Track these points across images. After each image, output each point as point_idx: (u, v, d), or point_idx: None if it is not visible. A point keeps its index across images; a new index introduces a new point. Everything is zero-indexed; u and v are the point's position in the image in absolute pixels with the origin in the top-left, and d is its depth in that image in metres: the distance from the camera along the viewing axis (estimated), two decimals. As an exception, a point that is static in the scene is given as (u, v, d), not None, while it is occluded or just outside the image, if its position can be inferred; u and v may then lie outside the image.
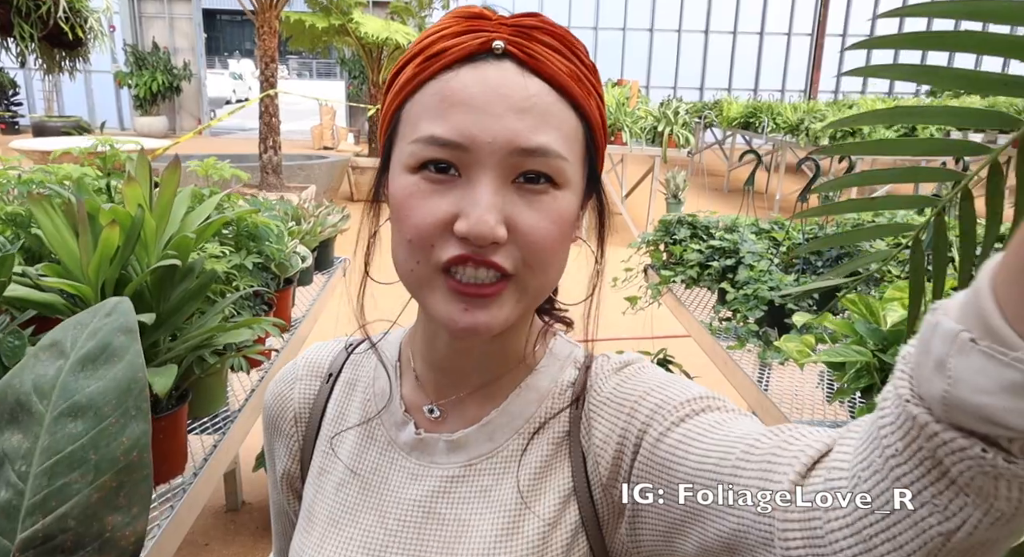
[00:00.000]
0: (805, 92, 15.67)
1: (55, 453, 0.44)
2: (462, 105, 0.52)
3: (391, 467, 0.65)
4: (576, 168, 0.56)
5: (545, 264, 0.55)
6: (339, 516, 0.65)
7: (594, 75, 0.58)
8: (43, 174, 1.57)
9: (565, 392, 0.65)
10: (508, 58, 0.53)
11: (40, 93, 14.00)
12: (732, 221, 2.50)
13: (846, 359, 1.41)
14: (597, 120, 0.58)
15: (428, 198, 0.53)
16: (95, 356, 0.47)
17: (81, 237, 1.10)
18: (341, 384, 0.71)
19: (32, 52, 7.45)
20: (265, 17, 6.33)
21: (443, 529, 0.62)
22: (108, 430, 0.44)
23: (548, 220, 0.53)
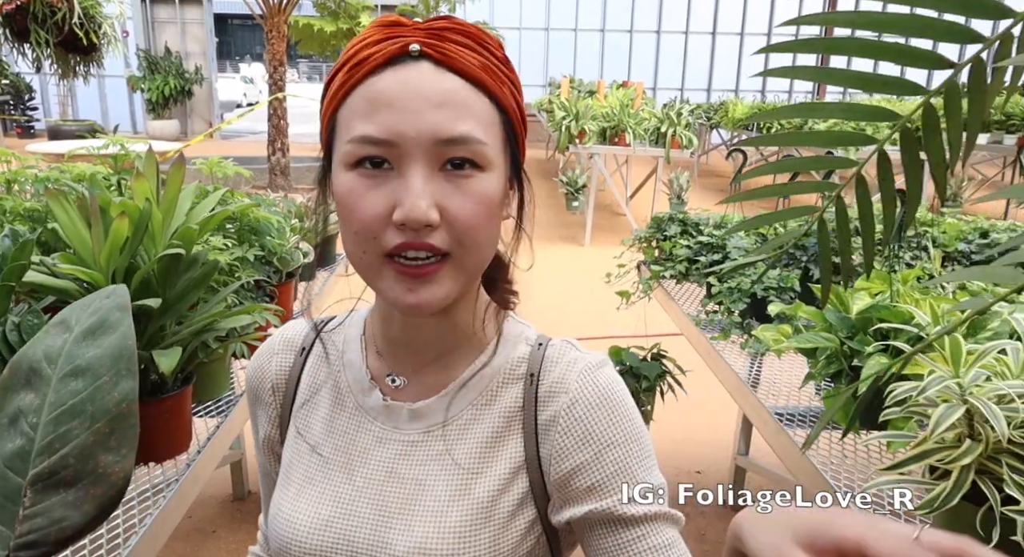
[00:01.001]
0: (812, 93, 15.67)
1: (59, 406, 0.52)
2: (387, 105, 0.58)
3: (359, 430, 0.73)
4: (497, 151, 0.62)
5: (477, 242, 0.61)
6: (313, 473, 0.72)
7: (506, 66, 0.64)
8: (58, 173, 1.66)
9: (517, 368, 0.71)
10: (424, 59, 0.59)
11: (55, 98, 14.22)
12: (721, 218, 2.57)
13: (816, 345, 1.48)
14: (512, 106, 0.64)
15: (367, 193, 0.59)
16: (95, 329, 0.55)
17: (93, 228, 1.19)
18: (313, 357, 0.79)
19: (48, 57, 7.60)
20: (274, 22, 6.45)
21: (403, 487, 0.69)
22: (103, 386, 0.52)
23: (474, 201, 0.60)
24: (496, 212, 0.63)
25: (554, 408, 0.68)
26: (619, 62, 15.67)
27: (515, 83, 0.65)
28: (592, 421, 0.66)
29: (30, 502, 0.48)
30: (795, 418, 1.59)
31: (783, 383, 1.81)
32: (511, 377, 0.71)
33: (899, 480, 1.02)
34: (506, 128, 0.63)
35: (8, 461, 0.50)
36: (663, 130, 6.80)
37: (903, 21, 0.53)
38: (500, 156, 0.63)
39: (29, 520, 0.48)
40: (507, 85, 0.63)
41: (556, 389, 0.69)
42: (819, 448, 1.44)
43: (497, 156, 0.62)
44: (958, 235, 2.34)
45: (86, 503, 0.49)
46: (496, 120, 0.62)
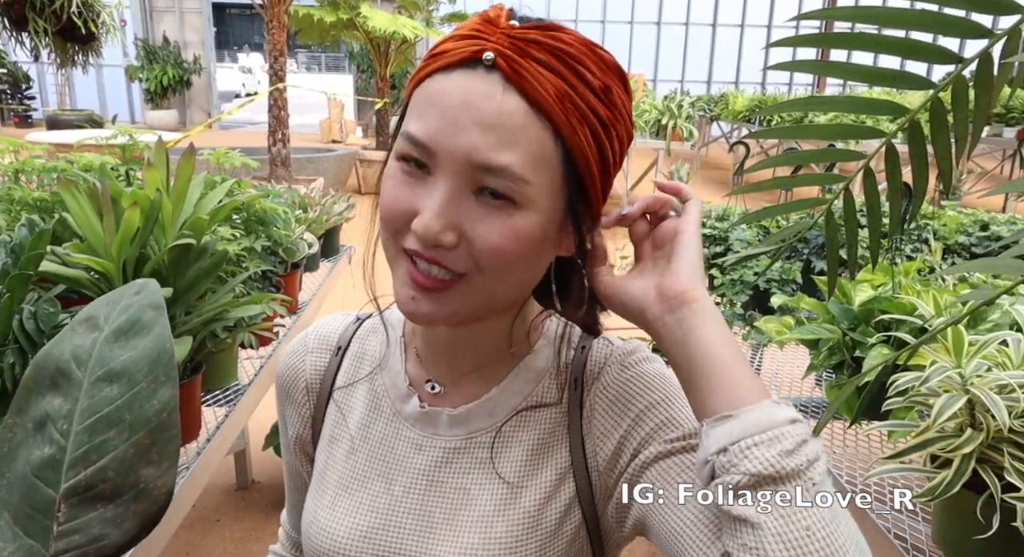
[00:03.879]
0: (813, 85, 15.65)
1: (94, 413, 0.48)
2: (438, 109, 0.54)
3: (397, 437, 0.70)
4: (545, 192, 0.55)
5: (499, 272, 0.57)
6: (349, 482, 0.70)
7: (600, 100, 0.55)
8: (66, 163, 1.67)
9: (561, 373, 0.68)
10: (497, 70, 0.53)
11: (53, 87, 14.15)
12: (723, 210, 2.58)
13: (818, 337, 1.50)
14: (584, 149, 0.55)
15: (400, 187, 0.57)
16: (126, 329, 0.51)
17: (105, 218, 1.20)
18: (349, 357, 0.76)
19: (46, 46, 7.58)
20: (274, 11, 6.43)
21: (446, 496, 0.67)
22: (141, 394, 0.49)
23: (499, 235, 0.54)
24: (530, 250, 0.57)
25: (590, 402, 0.67)
26: (619, 53, 15.44)
27: (608, 124, 0.56)
28: (623, 395, 0.65)
29: (65, 517, 0.45)
30: (798, 408, 1.61)
31: (785, 374, 1.83)
32: (556, 382, 0.68)
33: (900, 469, 1.04)
34: (568, 172, 0.56)
35: (37, 470, 0.47)
36: (664, 122, 6.80)
37: (917, 17, 0.54)
38: (550, 199, 0.56)
39: (65, 537, 0.45)
40: (588, 124, 0.55)
41: (593, 388, 0.67)
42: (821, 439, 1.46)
43: (544, 197, 0.56)
44: (958, 228, 2.36)
45: (127, 520, 0.46)
46: (555, 160, 0.55)
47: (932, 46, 0.56)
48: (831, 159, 0.63)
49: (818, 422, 0.53)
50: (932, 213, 2.47)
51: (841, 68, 0.60)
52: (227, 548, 2.40)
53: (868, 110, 0.60)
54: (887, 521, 1.13)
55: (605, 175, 0.59)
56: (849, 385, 0.54)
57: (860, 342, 1.43)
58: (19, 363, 0.96)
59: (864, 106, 0.60)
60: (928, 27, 0.54)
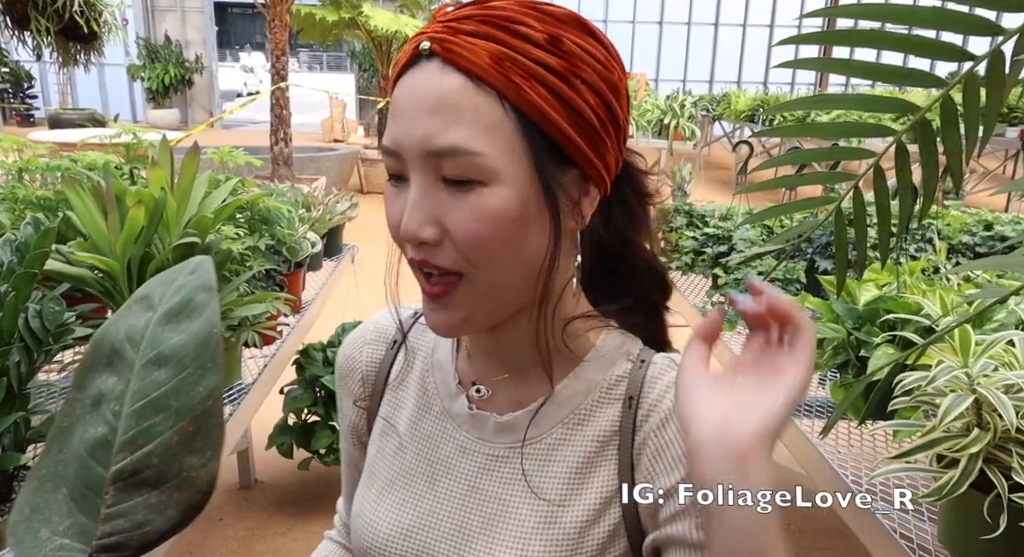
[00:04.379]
0: (815, 84, 15.63)
1: (143, 397, 0.47)
2: (397, 114, 0.55)
3: (443, 436, 0.69)
4: (507, 160, 0.53)
5: (488, 261, 0.55)
6: (395, 478, 0.69)
7: (550, 52, 0.53)
8: (69, 161, 1.67)
9: (615, 388, 0.64)
10: (434, 57, 0.53)
11: (55, 86, 14.17)
12: (727, 210, 2.58)
13: (823, 336, 1.49)
14: (535, 103, 0.52)
15: (391, 202, 0.57)
16: (178, 310, 0.50)
17: (110, 217, 1.20)
18: (404, 352, 0.75)
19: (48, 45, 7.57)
20: (276, 11, 6.43)
21: (485, 506, 0.65)
22: (187, 379, 0.48)
23: (473, 219, 0.53)
24: (513, 228, 0.54)
25: (646, 430, 0.62)
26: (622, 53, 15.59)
27: (561, 70, 0.53)
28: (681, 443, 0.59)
29: (112, 500, 0.45)
30: (801, 407, 1.61)
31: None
32: (608, 397, 0.64)
33: (906, 469, 1.04)
34: (526, 131, 0.53)
35: (91, 449, 0.47)
36: (666, 122, 6.79)
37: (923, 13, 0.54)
38: (514, 166, 0.53)
39: (112, 520, 0.45)
40: (537, 77, 0.52)
41: (651, 411, 0.62)
42: (825, 438, 1.46)
43: (507, 166, 0.53)
44: (962, 227, 2.35)
45: (170, 508, 0.45)
46: (508, 125, 0.53)
47: (941, 43, 0.55)
48: (840, 157, 0.63)
49: (827, 423, 0.53)
50: (936, 213, 2.47)
51: (848, 65, 0.59)
52: (230, 547, 2.40)
53: (877, 108, 0.59)
54: (893, 521, 1.12)
55: (586, 128, 0.55)
56: (859, 385, 0.54)
57: (865, 341, 1.43)
58: (25, 361, 0.96)
59: (872, 104, 0.60)
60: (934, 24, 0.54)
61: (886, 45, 0.57)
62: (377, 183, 8.70)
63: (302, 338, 2.18)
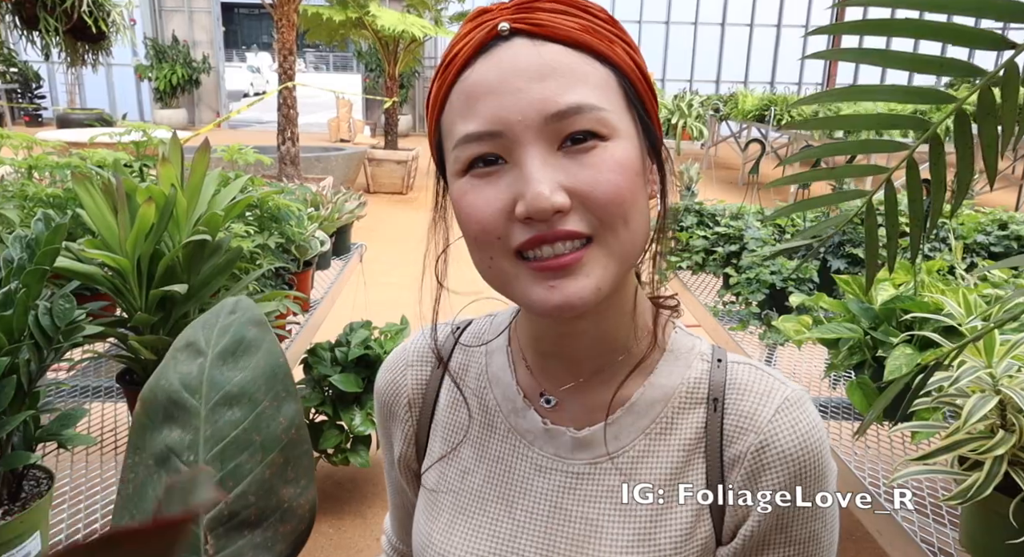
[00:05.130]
0: (823, 84, 15.58)
1: (221, 440, 0.46)
2: (485, 95, 0.52)
3: (515, 456, 0.65)
4: (621, 115, 0.54)
5: (622, 217, 0.53)
6: (466, 504, 0.65)
7: (615, 27, 0.56)
8: (79, 159, 1.66)
9: (695, 391, 0.62)
10: (517, 35, 0.53)
11: (63, 86, 14.22)
12: (738, 209, 2.56)
13: (839, 336, 1.47)
14: (629, 64, 0.56)
15: (482, 192, 0.53)
16: (233, 350, 0.50)
17: (120, 214, 1.19)
18: (453, 369, 0.71)
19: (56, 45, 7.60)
20: (283, 10, 6.43)
21: (572, 526, 0.61)
22: (265, 413, 0.47)
23: (606, 171, 0.52)
24: (638, 181, 0.54)
25: (741, 446, 0.59)
26: (627, 53, 15.57)
27: (629, 44, 0.57)
28: (784, 476, 0.57)
29: (214, 549, 0.44)
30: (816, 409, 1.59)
31: (803, 374, 1.81)
32: (690, 401, 0.62)
33: (928, 471, 1.02)
34: (626, 90, 0.55)
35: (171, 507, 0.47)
36: (674, 121, 6.77)
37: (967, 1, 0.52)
38: (627, 121, 0.55)
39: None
40: (619, 44, 0.56)
41: (746, 424, 0.59)
42: (842, 439, 1.44)
43: (622, 121, 0.54)
44: (976, 227, 2.33)
45: (278, 543, 0.45)
46: (612, 82, 0.55)
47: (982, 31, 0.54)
48: (873, 150, 0.61)
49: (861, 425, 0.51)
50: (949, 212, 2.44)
51: (885, 55, 0.58)
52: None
53: (913, 99, 0.58)
54: (912, 524, 1.10)
55: (652, 94, 0.59)
56: (895, 386, 0.52)
57: (882, 341, 1.41)
58: (35, 359, 0.95)
59: (909, 95, 0.58)
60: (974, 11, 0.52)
61: (924, 34, 0.55)
62: (384, 183, 8.69)
63: (310, 337, 2.17)
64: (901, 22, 0.56)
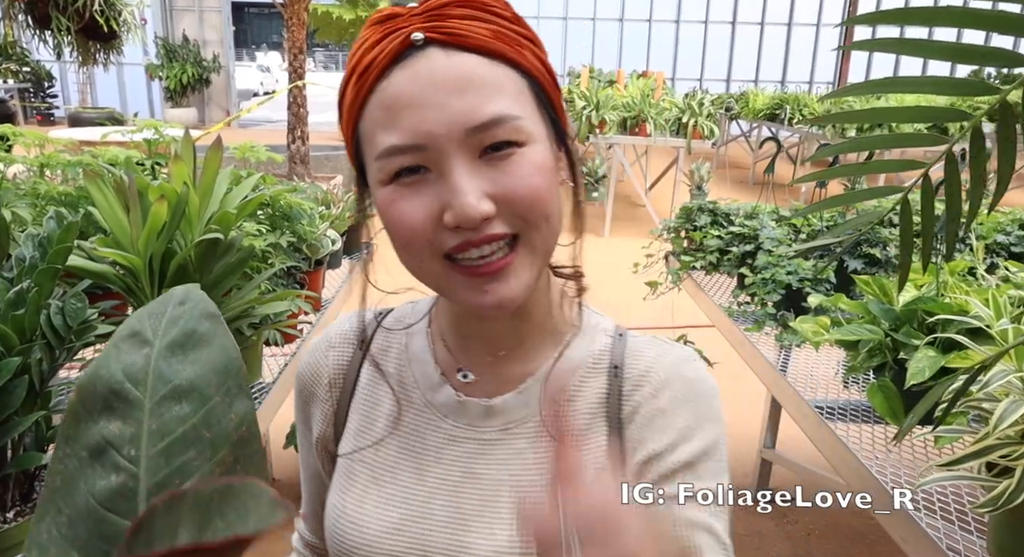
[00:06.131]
0: (834, 83, 15.48)
1: (167, 435, 0.45)
2: (405, 108, 0.54)
3: (429, 428, 0.68)
4: (534, 121, 0.57)
5: (543, 215, 0.57)
6: (379, 474, 0.68)
7: (519, 25, 0.58)
8: (90, 157, 1.66)
9: (599, 361, 0.67)
10: (431, 45, 0.55)
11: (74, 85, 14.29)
12: (752, 208, 2.53)
13: (859, 338, 1.45)
14: (539, 67, 0.59)
15: (410, 201, 0.56)
16: (182, 342, 0.48)
17: (132, 212, 1.18)
18: (374, 350, 0.74)
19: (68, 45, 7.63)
20: (294, 9, 6.43)
21: (481, 488, 0.65)
22: (216, 409, 0.46)
23: (526, 176, 0.55)
24: (551, 179, 0.58)
25: (637, 398, 0.64)
26: (638, 52, 15.53)
27: (535, 41, 0.60)
28: (674, 412, 0.63)
29: None
30: (835, 411, 1.56)
31: (820, 376, 1.78)
32: (593, 370, 0.67)
33: (955, 477, 0.99)
34: (537, 93, 0.59)
35: (106, 502, 0.44)
36: (684, 120, 6.72)
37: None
38: (539, 125, 0.58)
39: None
40: (527, 47, 0.58)
41: (641, 381, 0.65)
42: (861, 443, 1.41)
43: (535, 126, 0.57)
44: (996, 227, 2.29)
45: None
46: (525, 89, 0.58)
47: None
48: (910, 144, 0.59)
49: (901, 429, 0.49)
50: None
51: (928, 46, 0.55)
52: (248, 546, 2.39)
53: (955, 91, 0.55)
54: (938, 530, 1.08)
55: (558, 88, 0.62)
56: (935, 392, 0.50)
57: (904, 343, 1.38)
58: (47, 359, 0.94)
59: (950, 87, 0.56)
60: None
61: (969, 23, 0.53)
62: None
63: (322, 336, 2.15)
64: (944, 10, 0.54)
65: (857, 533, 2.58)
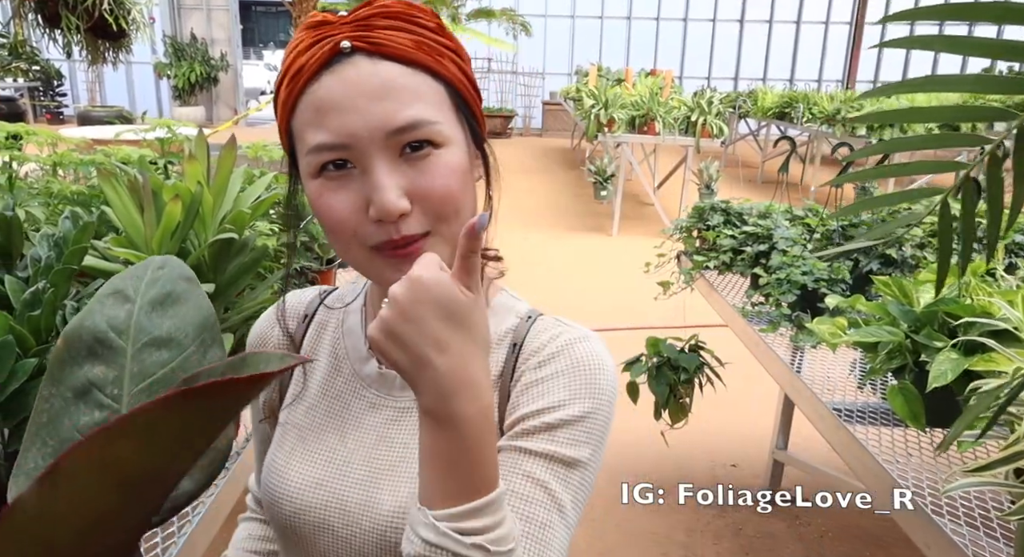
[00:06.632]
0: (843, 81, 15.39)
1: (147, 376, 0.51)
2: (332, 110, 0.60)
3: (353, 395, 0.76)
4: (451, 125, 0.63)
5: (457, 211, 0.63)
6: (307, 434, 0.75)
7: (442, 35, 0.64)
8: (103, 156, 1.65)
9: (503, 340, 0.73)
10: (357, 53, 0.60)
11: (83, 84, 14.35)
12: (766, 208, 2.51)
13: (879, 340, 1.43)
14: (457, 76, 0.64)
15: (336, 194, 0.61)
16: (161, 300, 0.54)
17: (146, 212, 1.17)
18: (315, 325, 0.82)
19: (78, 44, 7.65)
20: (302, 8, 6.43)
21: (394, 452, 0.72)
22: (191, 357, 0.51)
23: (439, 176, 0.61)
24: (465, 180, 0.64)
25: (523, 368, 0.70)
26: (645, 50, 15.47)
27: (457, 51, 0.65)
28: (553, 381, 0.67)
29: None
30: (853, 414, 1.54)
31: (837, 378, 1.76)
32: (497, 347, 0.73)
33: (983, 483, 0.97)
34: (455, 100, 0.64)
35: None
36: (693, 119, 6.69)
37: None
38: (456, 129, 0.64)
39: None
40: (447, 57, 0.64)
41: (533, 356, 0.70)
42: (881, 446, 1.40)
43: (452, 130, 0.63)
44: (1015, 227, 2.27)
45: (196, 472, 0.49)
46: (443, 95, 0.63)
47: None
48: (950, 145, 0.57)
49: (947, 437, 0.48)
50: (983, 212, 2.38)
51: (966, 42, 0.54)
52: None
53: (1000, 89, 0.54)
54: (963, 537, 1.06)
55: (476, 94, 0.67)
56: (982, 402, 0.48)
57: (925, 345, 1.36)
58: (62, 360, 0.93)
59: (995, 85, 0.54)
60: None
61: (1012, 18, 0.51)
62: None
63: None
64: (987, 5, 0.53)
65: (872, 536, 2.56)
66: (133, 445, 0.38)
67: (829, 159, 9.95)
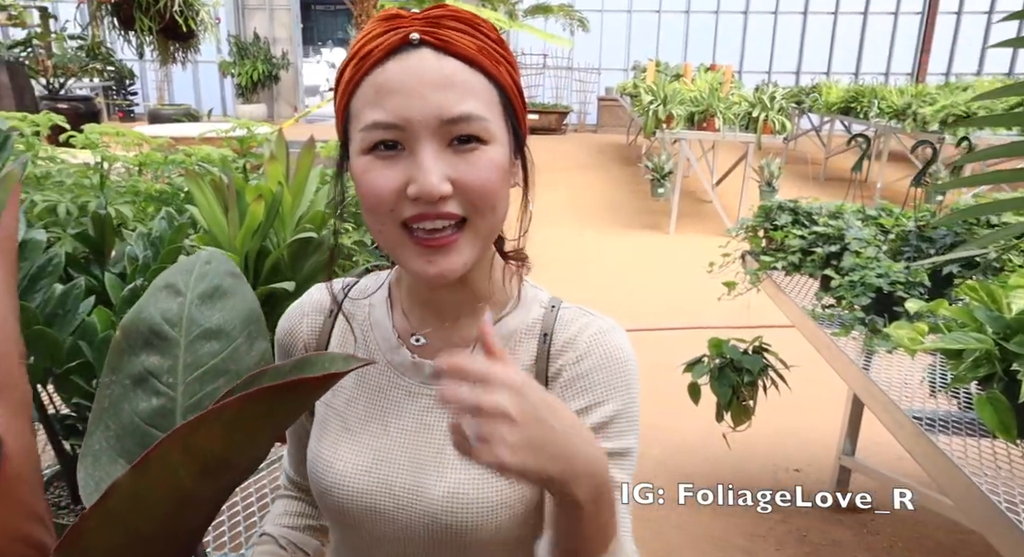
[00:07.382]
0: (912, 74, 14.81)
1: (200, 367, 0.54)
2: (393, 92, 0.64)
3: (390, 385, 0.79)
4: (498, 125, 0.67)
5: (492, 205, 0.67)
6: (350, 425, 0.78)
7: (501, 47, 0.69)
8: (184, 155, 1.71)
9: (532, 328, 0.78)
10: (425, 46, 0.65)
11: (153, 83, 14.89)
12: (836, 207, 2.44)
13: (965, 346, 1.37)
14: (510, 84, 0.69)
15: (381, 171, 0.65)
16: (211, 294, 0.57)
17: (230, 211, 1.21)
18: (342, 318, 0.84)
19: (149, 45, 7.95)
20: (363, 6, 6.54)
21: (434, 437, 0.75)
22: (239, 348, 0.55)
23: (482, 169, 0.65)
24: (505, 178, 0.68)
25: (561, 362, 0.75)
26: (704, 44, 15.17)
27: (511, 63, 0.70)
28: (593, 377, 0.73)
29: None
30: (935, 422, 1.49)
31: (914, 384, 1.70)
32: (527, 336, 0.77)
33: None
34: (504, 105, 0.68)
35: (149, 419, 0.53)
36: (755, 115, 6.55)
37: None
38: (502, 130, 0.68)
39: None
40: (503, 65, 0.68)
41: (566, 347, 0.75)
42: (967, 457, 1.34)
43: (499, 130, 0.67)
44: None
45: None
46: (495, 98, 0.67)
47: None
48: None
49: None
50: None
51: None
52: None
53: None
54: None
55: (524, 106, 0.72)
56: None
57: (1017, 354, 1.30)
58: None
59: None
60: None
61: None
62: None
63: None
64: None
65: (946, 548, 2.47)
66: (218, 435, 0.41)
67: (898, 155, 9.59)
